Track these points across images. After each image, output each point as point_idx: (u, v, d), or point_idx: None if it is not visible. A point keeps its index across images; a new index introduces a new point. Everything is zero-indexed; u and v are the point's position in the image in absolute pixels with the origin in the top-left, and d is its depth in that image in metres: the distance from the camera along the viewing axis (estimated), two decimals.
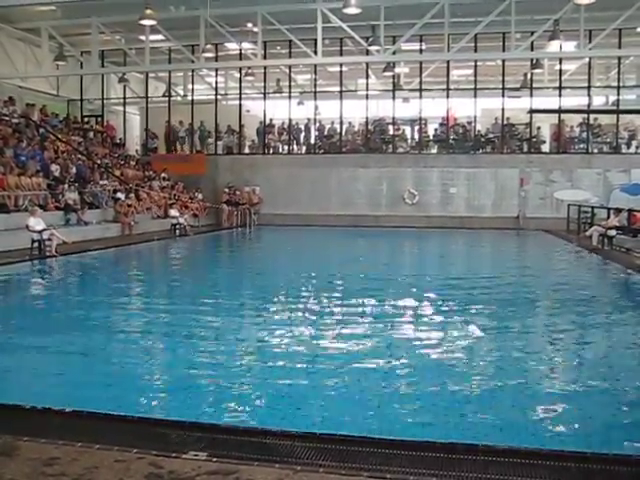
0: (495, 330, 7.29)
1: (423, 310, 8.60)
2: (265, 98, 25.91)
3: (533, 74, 24.18)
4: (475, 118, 24.81)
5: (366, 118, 25.48)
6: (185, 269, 13.88)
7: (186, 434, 3.72)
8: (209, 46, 20.97)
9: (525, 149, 24.75)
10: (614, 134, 23.96)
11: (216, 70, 26.18)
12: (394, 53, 21.16)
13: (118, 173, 22.06)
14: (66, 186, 18.02)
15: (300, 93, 26.81)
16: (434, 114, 25.56)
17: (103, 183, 20.45)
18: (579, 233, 19.04)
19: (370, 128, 25.83)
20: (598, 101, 25.84)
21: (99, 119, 27.12)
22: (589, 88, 23.87)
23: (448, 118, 25.00)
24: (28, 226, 13.35)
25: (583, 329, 7.62)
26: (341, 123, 25.64)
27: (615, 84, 23.84)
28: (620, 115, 23.66)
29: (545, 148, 24.90)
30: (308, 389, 5.12)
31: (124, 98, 27.35)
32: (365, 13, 17.61)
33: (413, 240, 20.79)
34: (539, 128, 24.74)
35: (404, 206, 24.16)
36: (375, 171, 24.38)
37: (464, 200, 23.93)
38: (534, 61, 23.21)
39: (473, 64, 24.29)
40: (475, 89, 24.33)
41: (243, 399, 4.90)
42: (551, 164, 23.56)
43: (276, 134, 26.49)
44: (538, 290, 10.38)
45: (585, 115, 24.30)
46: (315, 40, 19.78)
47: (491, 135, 25.20)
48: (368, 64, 24.39)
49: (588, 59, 23.33)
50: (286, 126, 26.19)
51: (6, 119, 20.05)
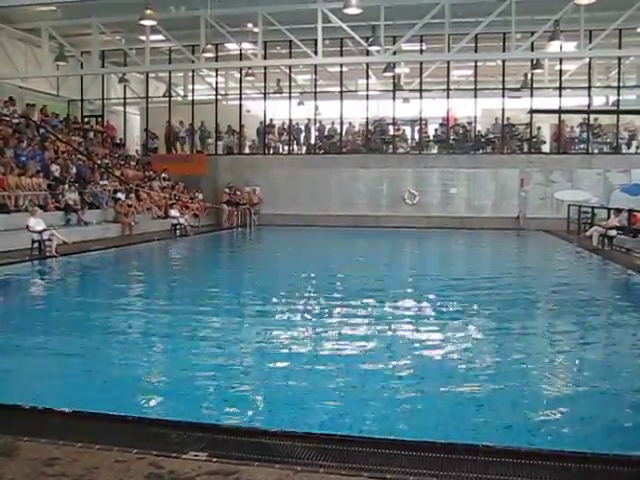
0: (495, 331, 7.28)
1: (424, 311, 8.60)
2: (265, 98, 25.92)
3: (533, 74, 24.19)
4: (475, 118, 24.83)
5: (366, 118, 25.48)
6: (185, 269, 13.88)
7: (186, 434, 3.72)
8: (209, 46, 21.00)
9: (525, 149, 24.75)
10: (614, 134, 23.96)
11: (216, 70, 26.21)
12: (394, 53, 21.18)
13: (118, 173, 22.07)
14: (66, 186, 18.02)
15: (300, 93, 26.81)
16: (434, 114, 25.56)
17: (103, 183, 20.45)
18: (579, 233, 19.03)
19: (370, 128, 25.83)
20: (598, 101, 25.84)
21: (99, 119, 27.14)
22: (589, 88, 23.87)
23: (448, 118, 25.00)
24: (28, 226, 13.35)
25: (583, 330, 7.62)
26: (341, 123, 25.64)
27: (615, 84, 23.85)
28: (620, 115, 23.66)
29: (545, 148, 24.91)
30: (308, 389, 5.12)
31: (124, 98, 27.36)
32: (365, 13, 17.61)
33: (413, 240, 20.78)
34: (539, 128, 24.74)
35: (404, 206, 24.17)
36: (375, 171, 24.39)
37: (464, 200, 23.93)
38: (534, 61, 23.22)
39: (473, 64, 24.30)
40: (475, 89, 24.34)
41: (243, 399, 4.89)
42: (551, 164, 23.56)
43: (276, 134, 26.49)
44: (538, 291, 10.38)
45: (585, 115, 24.31)
46: (315, 40, 19.80)
47: (491, 135, 25.21)
48: (368, 64, 24.40)
49: (588, 59, 23.34)
50: (286, 126, 26.20)
51: (6, 119, 20.06)
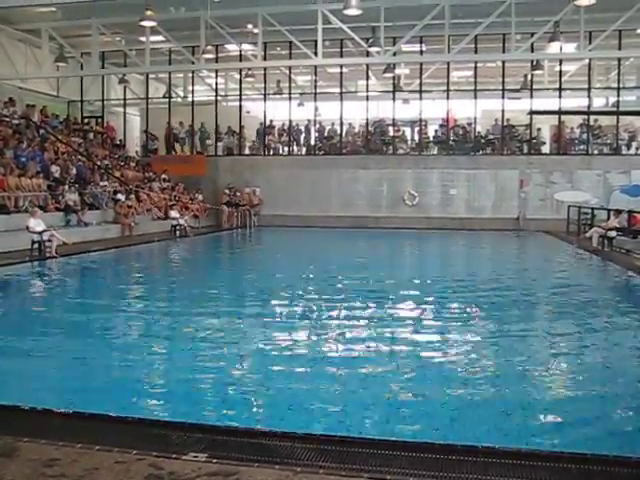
0: (496, 333, 7.27)
1: (424, 313, 8.60)
2: (265, 99, 25.93)
3: (533, 75, 24.20)
4: (475, 119, 24.83)
5: (366, 119, 25.49)
6: (185, 271, 13.85)
7: (186, 435, 3.72)
8: (209, 47, 21.02)
9: (525, 150, 24.74)
10: (614, 135, 23.98)
11: (216, 71, 26.23)
12: (394, 54, 21.17)
13: (118, 174, 22.07)
14: (66, 187, 18.02)
15: (300, 94, 26.80)
16: (434, 115, 25.55)
17: (103, 184, 20.45)
18: (579, 234, 19.03)
19: (370, 129, 25.83)
20: (598, 102, 25.84)
21: (99, 120, 27.14)
22: (589, 89, 23.89)
23: (448, 119, 25.00)
24: (28, 227, 13.35)
25: (584, 332, 7.58)
26: (341, 124, 25.65)
27: (615, 85, 23.86)
28: (620, 116, 23.68)
29: (545, 149, 24.92)
30: (309, 391, 5.12)
31: (124, 99, 27.37)
32: (365, 14, 17.60)
33: (413, 242, 20.76)
34: (539, 129, 24.75)
35: (404, 207, 24.17)
36: (375, 172, 24.39)
37: (464, 201, 23.93)
38: (534, 62, 23.20)
39: (473, 65, 24.32)
40: (475, 90, 24.36)
41: (243, 400, 4.90)
42: (551, 165, 23.57)
43: (276, 135, 26.50)
44: (538, 293, 10.36)
45: (585, 116, 24.32)
46: (315, 41, 19.82)
47: (491, 136, 25.21)
48: (368, 65, 24.42)
49: (588, 60, 23.35)
50: (286, 127, 26.21)
51: (6, 120, 20.07)
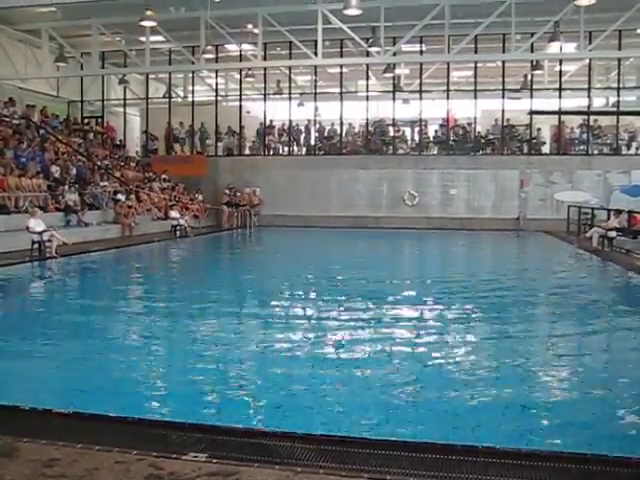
0: (496, 334, 7.27)
1: (424, 314, 8.58)
2: (265, 99, 25.93)
3: (533, 75, 24.20)
4: (475, 119, 24.83)
5: (366, 119, 25.49)
6: (186, 271, 13.84)
7: (186, 435, 3.72)
8: (209, 47, 21.03)
9: (525, 150, 24.75)
10: (614, 135, 23.98)
11: (216, 71, 26.24)
12: (394, 54, 21.17)
13: (118, 174, 22.08)
14: (66, 187, 18.02)
15: (300, 94, 26.81)
16: (434, 115, 25.55)
17: (103, 184, 20.46)
18: (579, 234, 19.03)
19: (370, 129, 25.84)
20: (598, 102, 25.84)
21: (99, 120, 27.15)
22: (589, 89, 23.89)
23: (448, 119, 25.01)
24: (28, 227, 13.34)
25: (584, 333, 7.58)
26: (341, 124, 25.65)
27: (615, 85, 23.86)
28: (620, 116, 23.68)
29: (545, 149, 24.92)
30: (309, 390, 5.12)
31: (124, 99, 27.37)
32: (365, 14, 17.61)
33: (413, 242, 20.76)
34: (539, 129, 24.75)
35: (404, 207, 24.18)
36: (375, 172, 24.39)
37: (464, 201, 23.94)
38: (534, 62, 23.22)
39: (473, 65, 24.32)
40: (475, 90, 24.36)
41: (243, 401, 4.90)
42: (551, 165, 23.57)
43: (276, 135, 26.50)
44: (539, 293, 10.34)
45: (585, 116, 24.32)
46: (315, 41, 19.82)
47: (491, 136, 25.21)
48: (368, 65, 24.42)
49: (588, 60, 23.35)
50: (286, 127, 26.21)
51: (6, 120, 20.08)
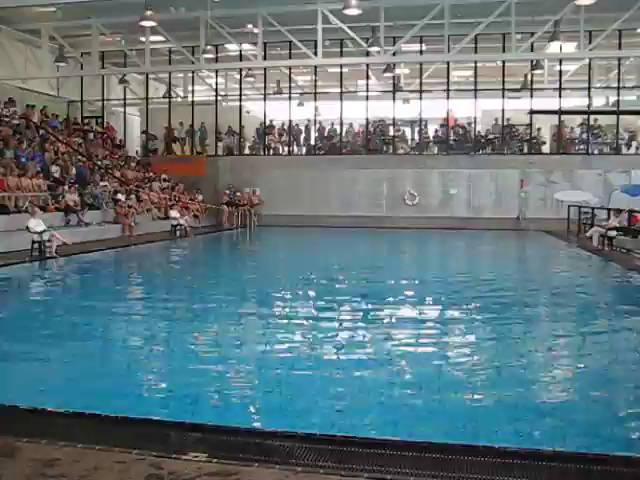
0: (496, 334, 7.26)
1: (424, 315, 8.56)
2: (265, 99, 25.93)
3: (533, 75, 24.20)
4: (475, 119, 24.85)
5: (366, 119, 25.49)
6: (186, 271, 13.78)
7: (186, 435, 3.72)
8: (209, 47, 21.03)
9: (525, 150, 24.77)
10: (614, 135, 23.99)
11: (216, 71, 26.23)
12: (394, 54, 21.15)
13: (118, 174, 22.09)
14: (66, 187, 18.02)
15: (300, 94, 26.82)
16: (434, 115, 25.56)
17: (103, 184, 20.46)
18: (579, 234, 19.04)
19: (370, 129, 25.85)
20: (598, 102, 25.83)
21: (99, 120, 27.16)
22: (589, 89, 23.91)
23: (448, 119, 25.02)
24: (28, 227, 13.33)
25: (585, 332, 7.55)
26: (341, 124, 25.66)
27: (615, 85, 23.86)
28: (620, 116, 23.69)
29: (545, 149, 24.93)
30: (309, 390, 5.12)
31: (124, 99, 27.38)
32: (365, 14, 17.59)
33: (413, 242, 20.75)
34: (539, 129, 24.76)
35: (404, 207, 24.17)
36: (375, 172, 24.38)
37: (464, 201, 23.94)
38: (534, 62, 23.22)
39: (473, 65, 24.33)
40: (475, 90, 24.35)
41: (243, 401, 4.90)
42: (551, 165, 23.58)
43: (276, 135, 26.50)
44: (539, 293, 10.34)
45: (585, 116, 24.33)
46: (315, 41, 19.79)
47: (491, 136, 25.24)
48: (368, 65, 24.43)
49: (588, 60, 23.35)
50: (286, 127, 26.21)
51: (6, 120, 20.08)
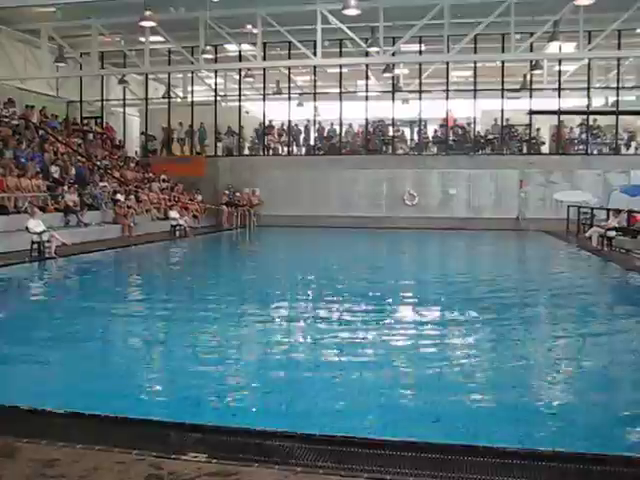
0: (496, 335, 7.25)
1: (424, 316, 8.52)
2: (265, 99, 25.93)
3: (533, 75, 24.20)
4: (475, 119, 24.85)
5: (366, 119, 25.50)
6: (185, 272, 13.73)
7: (186, 435, 3.72)
8: (209, 48, 21.06)
9: (525, 150, 24.79)
10: (613, 135, 24.01)
11: (215, 72, 26.23)
12: (393, 54, 21.16)
13: (117, 175, 22.08)
14: (66, 188, 18.02)
15: (299, 94, 26.82)
16: (434, 115, 25.57)
17: (103, 185, 20.44)
18: (579, 234, 19.04)
19: (370, 129, 25.86)
20: (597, 102, 25.85)
21: (99, 121, 27.15)
22: (588, 89, 23.92)
23: (448, 119, 25.03)
24: (28, 228, 13.32)
25: (585, 333, 7.51)
26: (341, 124, 25.67)
27: (614, 85, 23.87)
28: (619, 116, 23.70)
29: (545, 149, 24.94)
30: (309, 391, 5.13)
31: (124, 99, 27.37)
32: (364, 14, 17.59)
33: (413, 242, 20.74)
34: (539, 129, 24.77)
35: (404, 207, 24.18)
36: (375, 172, 24.39)
37: (464, 201, 23.95)
38: (533, 62, 23.23)
39: (473, 65, 24.34)
40: (475, 90, 24.36)
41: (243, 401, 4.90)
42: (551, 165, 23.59)
43: (276, 135, 26.50)
44: (539, 294, 10.33)
45: (585, 116, 24.34)
46: (314, 41, 19.80)
47: (491, 136, 25.24)
48: (368, 65, 24.43)
49: (587, 60, 23.36)
50: (286, 127, 26.20)
51: (6, 121, 20.07)
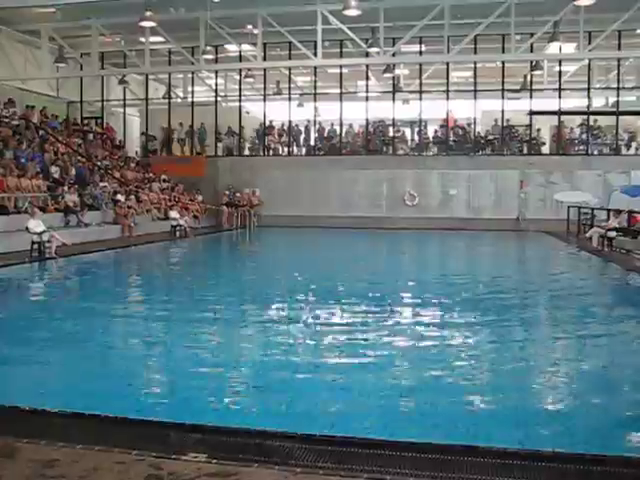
0: (496, 336, 7.24)
1: (424, 317, 8.50)
2: (265, 100, 25.93)
3: (533, 76, 24.20)
4: (475, 120, 24.85)
5: (366, 120, 25.50)
6: (185, 272, 13.71)
7: (186, 436, 3.72)
8: (209, 48, 21.07)
9: (525, 151, 24.78)
10: (614, 136, 24.00)
11: (216, 72, 26.25)
12: (394, 55, 21.14)
13: (118, 175, 22.09)
14: (66, 188, 18.02)
15: (300, 95, 26.81)
16: (434, 116, 25.56)
17: (103, 185, 20.45)
18: (579, 235, 19.04)
19: (370, 130, 25.86)
20: (598, 103, 25.85)
21: (99, 121, 27.16)
22: (589, 90, 23.92)
23: (448, 120, 25.03)
24: (28, 228, 13.33)
25: (585, 335, 7.48)
26: (341, 125, 25.67)
27: (615, 86, 23.87)
28: (620, 117, 23.70)
29: (545, 150, 24.94)
30: (308, 391, 5.13)
31: (124, 100, 27.37)
32: (365, 15, 17.60)
33: (413, 242, 20.74)
34: (539, 130, 24.77)
35: (404, 208, 24.17)
36: (375, 173, 24.38)
37: (464, 202, 23.94)
38: (534, 63, 23.22)
39: (473, 66, 24.34)
40: (475, 91, 24.36)
41: (243, 401, 4.90)
42: (551, 166, 23.58)
43: (276, 136, 26.50)
44: (539, 295, 10.32)
45: (585, 117, 24.34)
46: (315, 42, 19.79)
47: (491, 137, 25.24)
48: (368, 66, 24.43)
49: (588, 61, 23.36)
50: (286, 128, 26.21)
51: (6, 121, 20.08)
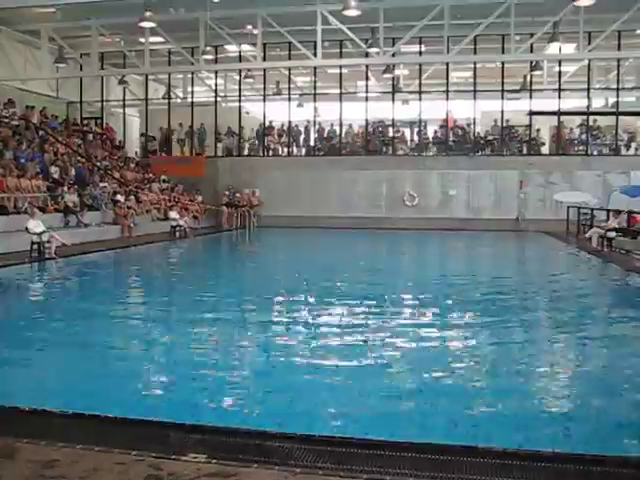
0: (496, 337, 7.22)
1: (424, 318, 8.51)
2: (265, 100, 25.94)
3: (532, 76, 24.20)
4: (475, 120, 24.86)
5: (366, 120, 25.50)
6: (185, 273, 13.71)
7: (186, 436, 3.72)
8: (209, 48, 21.05)
9: (525, 151, 24.79)
10: (613, 136, 24.02)
11: (216, 72, 26.25)
12: (393, 55, 21.15)
13: (117, 175, 22.08)
14: (65, 188, 18.03)
15: (300, 95, 26.82)
16: (434, 116, 25.56)
17: (102, 185, 20.44)
18: (578, 235, 19.04)
19: (370, 130, 25.86)
20: (597, 103, 25.86)
21: (99, 121, 27.16)
22: (588, 90, 23.94)
23: (448, 120, 25.03)
24: (27, 228, 13.33)
25: (584, 335, 7.48)
26: (341, 125, 25.67)
27: (614, 86, 23.88)
28: (619, 117, 23.71)
29: (545, 150, 24.94)
30: (308, 392, 5.13)
31: (124, 100, 27.38)
32: (364, 15, 17.60)
33: (413, 243, 20.73)
34: (538, 130, 24.77)
35: (404, 208, 24.18)
36: (375, 173, 24.39)
37: (464, 202, 23.95)
38: (533, 63, 23.23)
39: (472, 66, 24.35)
40: (475, 91, 24.36)
41: (243, 401, 4.90)
42: (551, 166, 23.59)
43: (276, 136, 26.50)
44: (539, 296, 10.29)
45: (584, 117, 24.35)
46: (315, 42, 19.80)
47: (491, 137, 25.24)
48: (368, 66, 24.44)
49: (587, 61, 23.37)
50: (286, 128, 26.21)
51: (6, 121, 20.08)
